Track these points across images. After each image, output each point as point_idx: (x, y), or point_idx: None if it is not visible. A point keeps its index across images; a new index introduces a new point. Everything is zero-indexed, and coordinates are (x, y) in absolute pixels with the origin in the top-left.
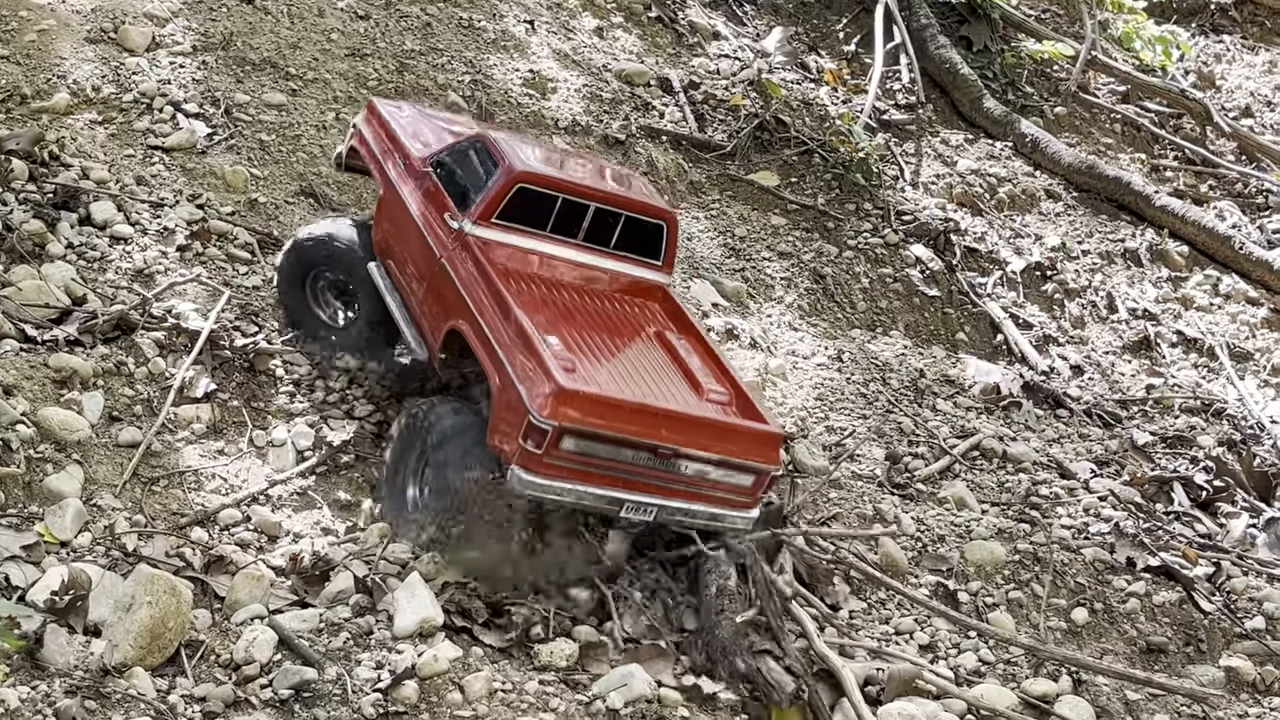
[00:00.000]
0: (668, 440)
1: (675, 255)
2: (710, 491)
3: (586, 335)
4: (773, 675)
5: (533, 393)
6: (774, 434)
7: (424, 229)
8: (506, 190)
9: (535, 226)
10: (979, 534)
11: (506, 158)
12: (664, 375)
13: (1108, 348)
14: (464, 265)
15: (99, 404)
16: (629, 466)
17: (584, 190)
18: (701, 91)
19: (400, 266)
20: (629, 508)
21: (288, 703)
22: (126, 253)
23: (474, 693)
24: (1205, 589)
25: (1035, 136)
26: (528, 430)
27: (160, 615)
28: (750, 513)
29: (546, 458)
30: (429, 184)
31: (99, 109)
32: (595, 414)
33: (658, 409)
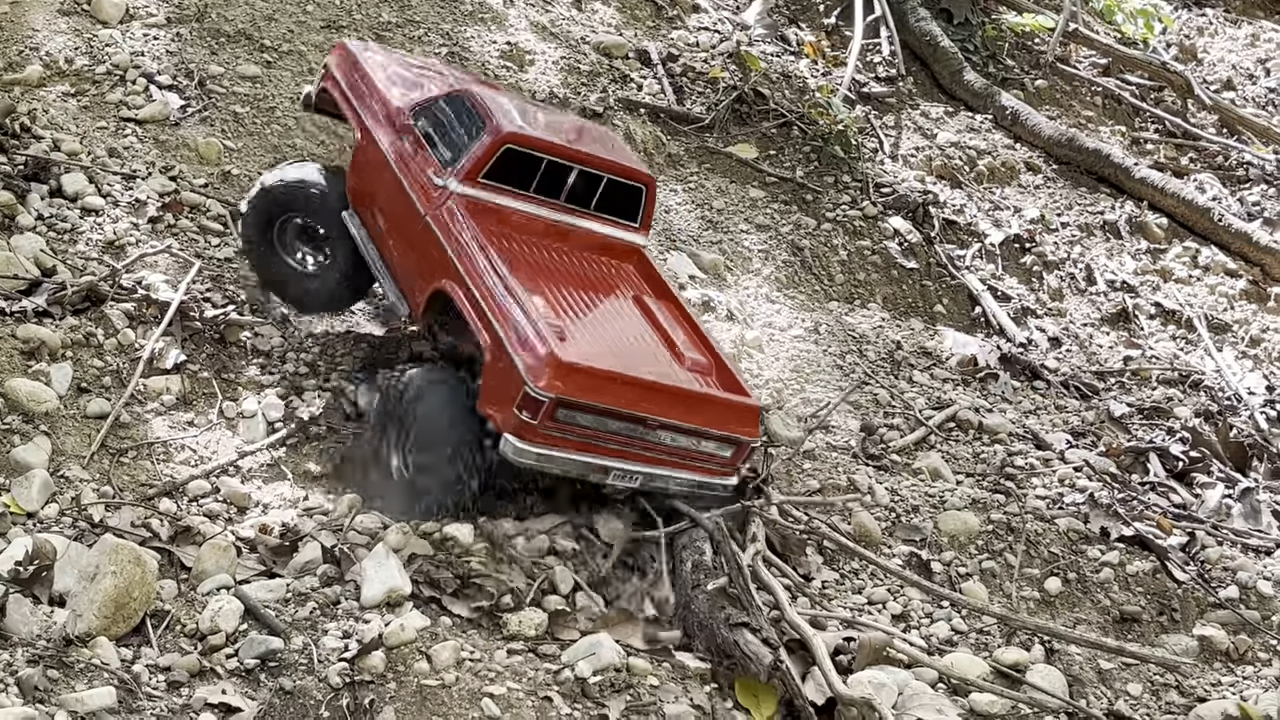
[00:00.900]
0: (656, 412)
1: (652, 218)
2: (692, 460)
3: (571, 299)
4: (750, 648)
5: (529, 363)
6: (754, 407)
7: (406, 183)
8: (494, 150)
9: (520, 187)
10: (953, 504)
11: (495, 117)
12: (647, 342)
13: (1086, 320)
14: (451, 225)
15: (67, 375)
16: (617, 436)
17: (569, 152)
18: (680, 64)
19: (378, 218)
20: (616, 475)
21: (253, 672)
22: (97, 224)
23: (442, 662)
24: (1179, 559)
25: (1015, 109)
26: (524, 401)
27: (125, 585)
28: (729, 480)
29: (540, 427)
30: (410, 136)
31: (71, 81)
32: (590, 386)
33: (649, 382)
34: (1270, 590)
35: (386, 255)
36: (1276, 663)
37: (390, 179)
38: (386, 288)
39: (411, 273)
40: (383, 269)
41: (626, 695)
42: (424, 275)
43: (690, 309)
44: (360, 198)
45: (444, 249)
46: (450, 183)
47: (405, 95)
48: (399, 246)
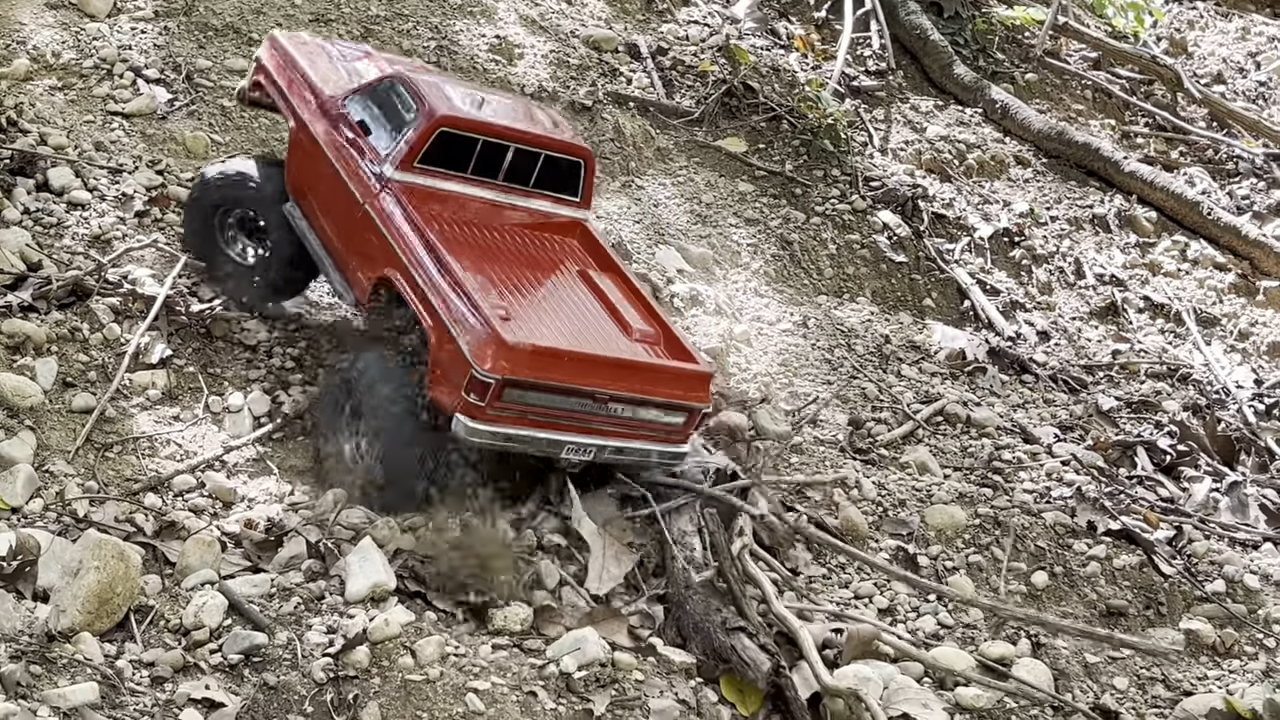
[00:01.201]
0: (605, 385)
1: (592, 191)
2: (645, 430)
3: (515, 278)
4: (747, 653)
5: (474, 345)
6: (704, 373)
7: (343, 173)
8: (429, 134)
9: (456, 169)
10: (940, 498)
11: (427, 100)
12: (593, 316)
13: (1074, 313)
14: (390, 212)
15: (52, 370)
16: (568, 411)
17: (504, 131)
18: (670, 57)
19: (319, 209)
20: (569, 449)
21: (237, 667)
22: (83, 219)
23: (426, 657)
24: (1166, 552)
25: (1005, 103)
26: (471, 383)
27: (108, 580)
28: (683, 447)
29: (489, 408)
30: (344, 125)
31: (59, 75)
32: (536, 365)
33: (595, 356)
34: (1257, 584)
35: (329, 245)
36: (1263, 656)
37: (327, 169)
38: (331, 278)
39: (354, 262)
40: (326, 260)
41: (612, 690)
42: (367, 264)
43: (636, 280)
44: (299, 190)
45: (385, 237)
46: (386, 169)
47: (337, 83)
48: (340, 236)
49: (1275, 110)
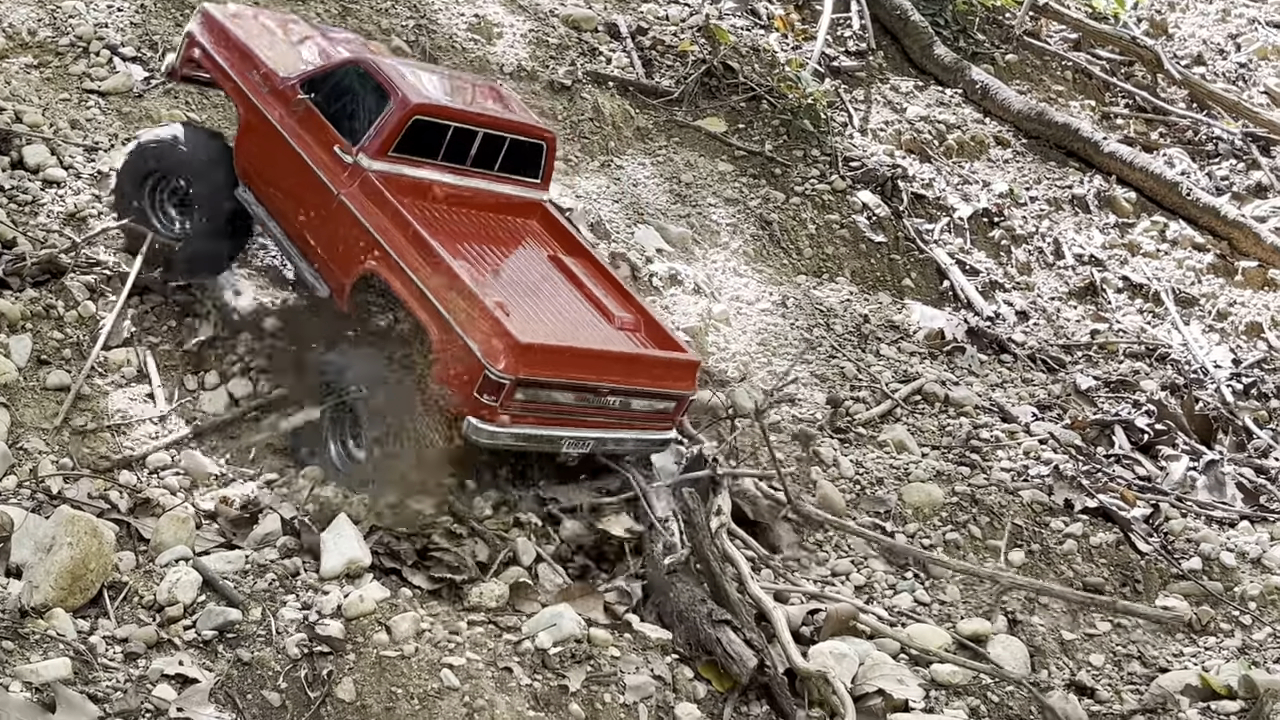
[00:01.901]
0: (607, 379)
1: (552, 173)
2: (636, 419)
3: (495, 267)
4: (733, 648)
5: (488, 346)
6: (693, 361)
7: (310, 161)
8: (404, 122)
9: (427, 156)
10: (918, 476)
11: (400, 89)
12: (577, 306)
13: (1053, 293)
14: (369, 203)
15: (27, 347)
16: (570, 406)
17: (474, 117)
18: (650, 37)
19: (282, 197)
20: (569, 443)
21: (211, 643)
22: (59, 196)
23: (401, 633)
24: (1143, 530)
25: (985, 83)
26: (485, 384)
27: (81, 556)
28: (669, 433)
29: (501, 408)
30: (305, 111)
31: (34, 53)
32: (549, 364)
33: (600, 352)
34: (1233, 562)
35: (293, 233)
36: (1239, 633)
37: (289, 156)
38: (299, 267)
39: (329, 253)
40: (292, 249)
41: (587, 666)
42: (346, 256)
43: (603, 260)
44: (253, 174)
45: (366, 229)
46: (361, 159)
47: (287, 63)
48: (310, 226)
49: (1255, 92)
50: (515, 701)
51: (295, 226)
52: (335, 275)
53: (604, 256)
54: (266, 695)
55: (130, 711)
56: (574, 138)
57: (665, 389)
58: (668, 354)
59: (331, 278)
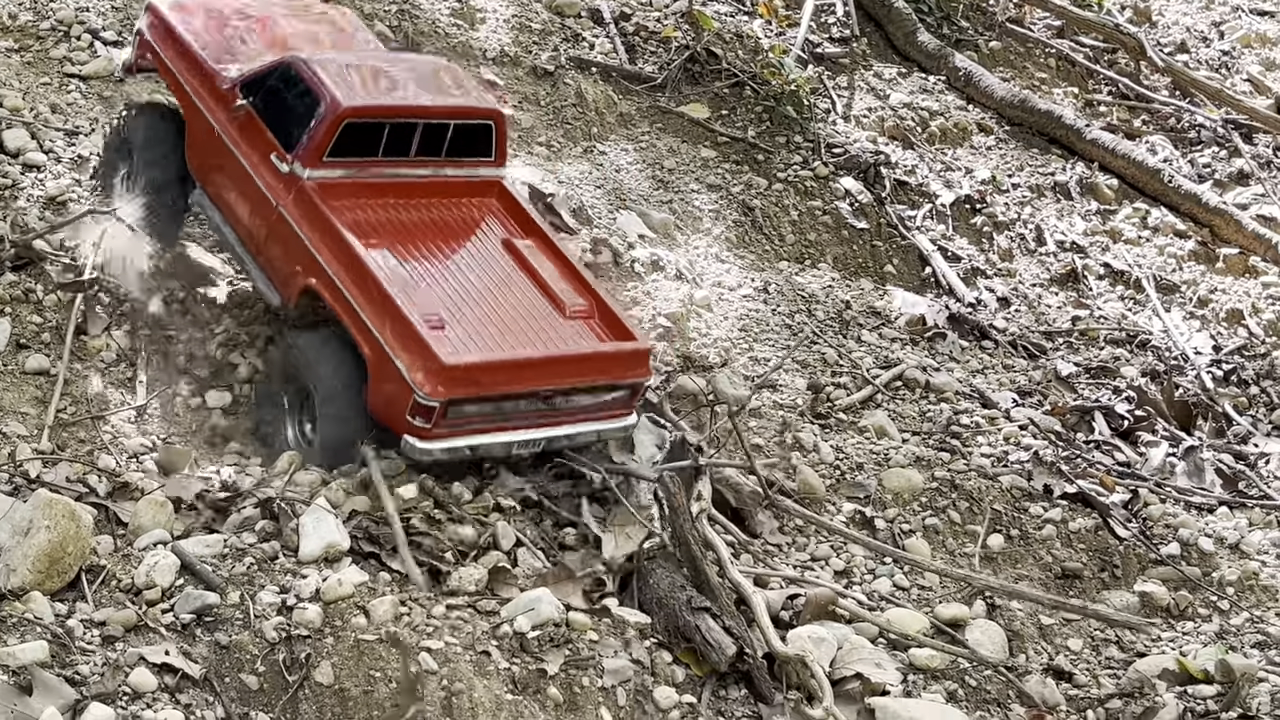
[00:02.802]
0: (549, 383)
1: (505, 148)
2: (590, 413)
3: (441, 265)
4: (712, 635)
5: (414, 370)
6: (643, 350)
7: (251, 170)
8: (334, 128)
9: (366, 155)
10: (897, 462)
11: (329, 92)
12: (525, 299)
13: (1035, 280)
14: (304, 215)
15: (5, 331)
16: (513, 413)
17: (410, 110)
18: (633, 23)
19: (230, 203)
20: (518, 446)
21: (189, 627)
22: (39, 180)
23: (380, 617)
24: (1121, 516)
25: (969, 70)
26: (414, 408)
27: (59, 540)
28: (627, 419)
29: (435, 429)
30: (244, 116)
31: (15, 37)
32: (478, 380)
33: (535, 359)
34: (1211, 547)
35: (246, 240)
36: (1216, 618)
37: (234, 164)
38: (252, 274)
39: (277, 264)
40: (245, 254)
41: (565, 650)
42: (290, 268)
43: (559, 242)
44: (206, 177)
45: (304, 244)
46: (296, 168)
47: (229, 61)
48: (258, 234)
49: (1238, 79)
50: (493, 685)
51: (246, 233)
52: (284, 285)
53: (562, 238)
54: (244, 678)
55: (108, 694)
56: (556, 123)
57: (615, 381)
58: (614, 346)
59: (281, 287)
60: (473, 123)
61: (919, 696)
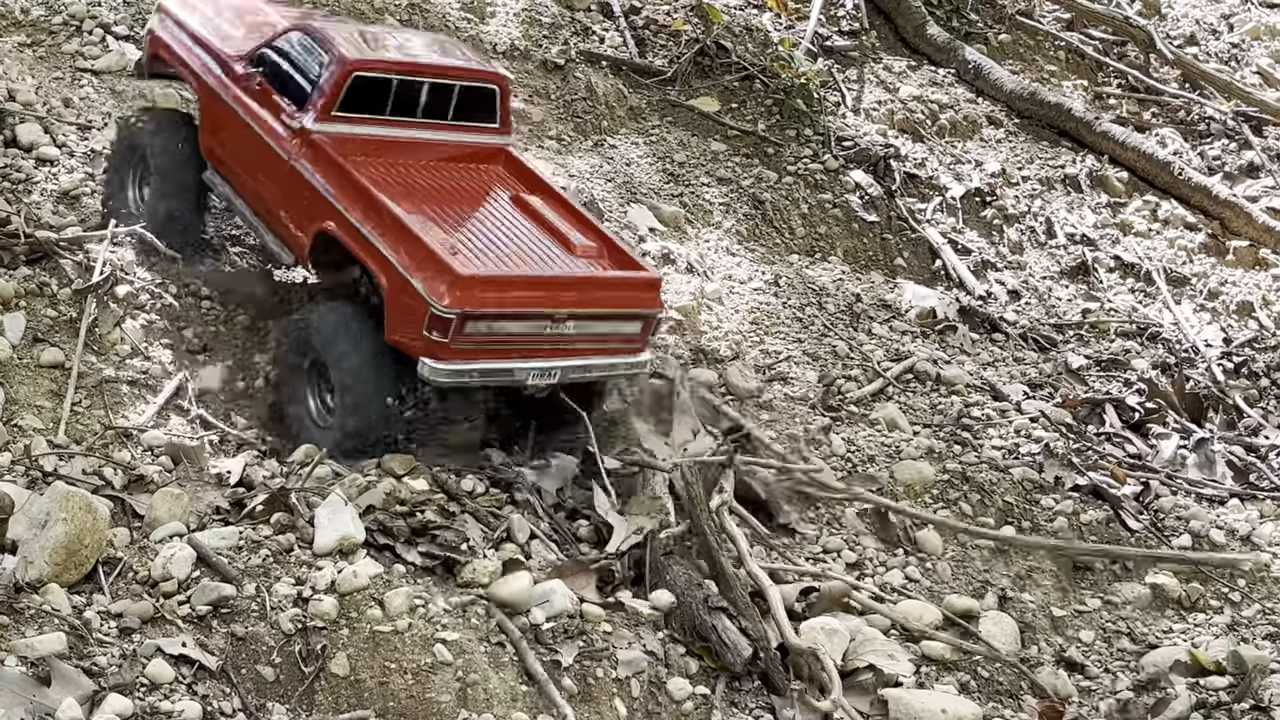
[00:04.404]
0: (561, 305)
1: (510, 116)
2: (603, 345)
3: (452, 212)
4: (728, 635)
5: (430, 284)
6: (653, 278)
7: (263, 133)
8: (343, 82)
9: (375, 112)
10: (909, 454)
11: (336, 48)
12: (535, 239)
13: (1045, 273)
14: (318, 165)
15: (21, 325)
16: (527, 336)
17: (416, 68)
18: (642, 16)
19: (242, 173)
20: (534, 375)
21: (205, 618)
22: (52, 174)
23: (394, 608)
24: (1133, 508)
25: (978, 63)
26: (431, 321)
27: (76, 532)
28: (642, 355)
29: (452, 344)
30: (255, 84)
31: (28, 32)
32: (494, 294)
33: (548, 278)
34: (1222, 539)
35: (258, 208)
36: (1228, 610)
37: (245, 132)
38: (265, 239)
39: (288, 220)
40: (258, 223)
41: (579, 641)
42: (302, 220)
43: (568, 196)
44: (216, 156)
45: (316, 191)
46: (306, 122)
47: (238, 44)
48: (270, 196)
49: (1247, 72)
50: (507, 676)
51: (257, 200)
52: (295, 240)
53: (572, 194)
54: (261, 670)
55: (125, 685)
56: (567, 117)
57: (625, 310)
58: (624, 273)
59: (293, 243)
60: (477, 85)
61: (931, 688)
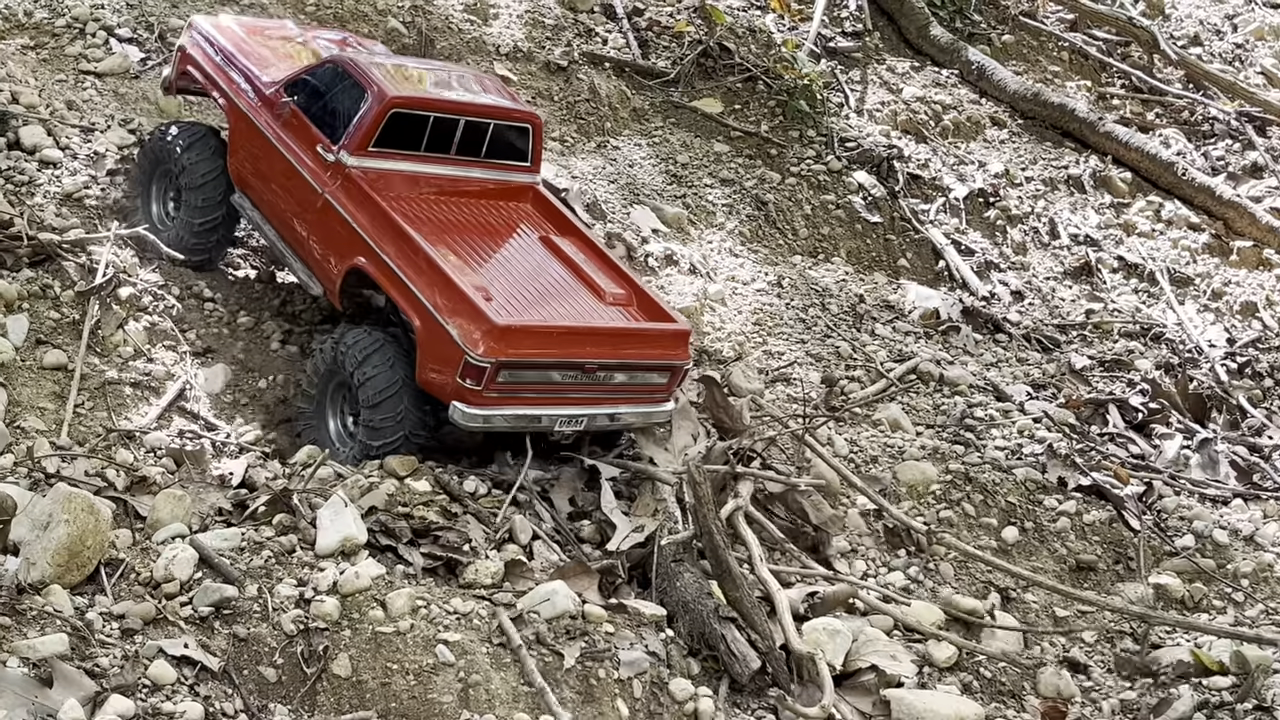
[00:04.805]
0: (594, 356)
1: (541, 154)
2: (630, 393)
3: (484, 252)
4: (737, 646)
5: (465, 332)
6: (683, 331)
7: (296, 163)
8: (381, 118)
9: (410, 148)
10: (912, 455)
11: (375, 83)
12: (566, 285)
13: (1049, 273)
14: (352, 200)
15: (24, 327)
16: (558, 384)
17: (453, 105)
18: (646, 18)
19: (273, 200)
20: (561, 421)
21: (208, 619)
22: (55, 177)
23: (396, 609)
24: (1136, 508)
25: (981, 64)
26: (466, 369)
27: (78, 533)
28: (666, 405)
29: (485, 391)
30: (288, 114)
31: (30, 34)
32: (529, 344)
33: (582, 328)
34: (1226, 539)
35: (288, 236)
36: (1231, 610)
37: (277, 160)
38: (294, 268)
39: (320, 252)
40: (286, 250)
41: (581, 641)
42: (334, 254)
43: (596, 239)
44: (247, 180)
45: (350, 226)
46: (343, 156)
47: (272, 69)
48: (302, 226)
49: (1251, 72)
50: (510, 677)
51: (286, 228)
52: (326, 274)
53: (598, 236)
54: (263, 671)
55: (127, 686)
56: (570, 118)
57: (655, 360)
58: (655, 325)
59: (323, 275)
60: (512, 125)
61: (934, 689)
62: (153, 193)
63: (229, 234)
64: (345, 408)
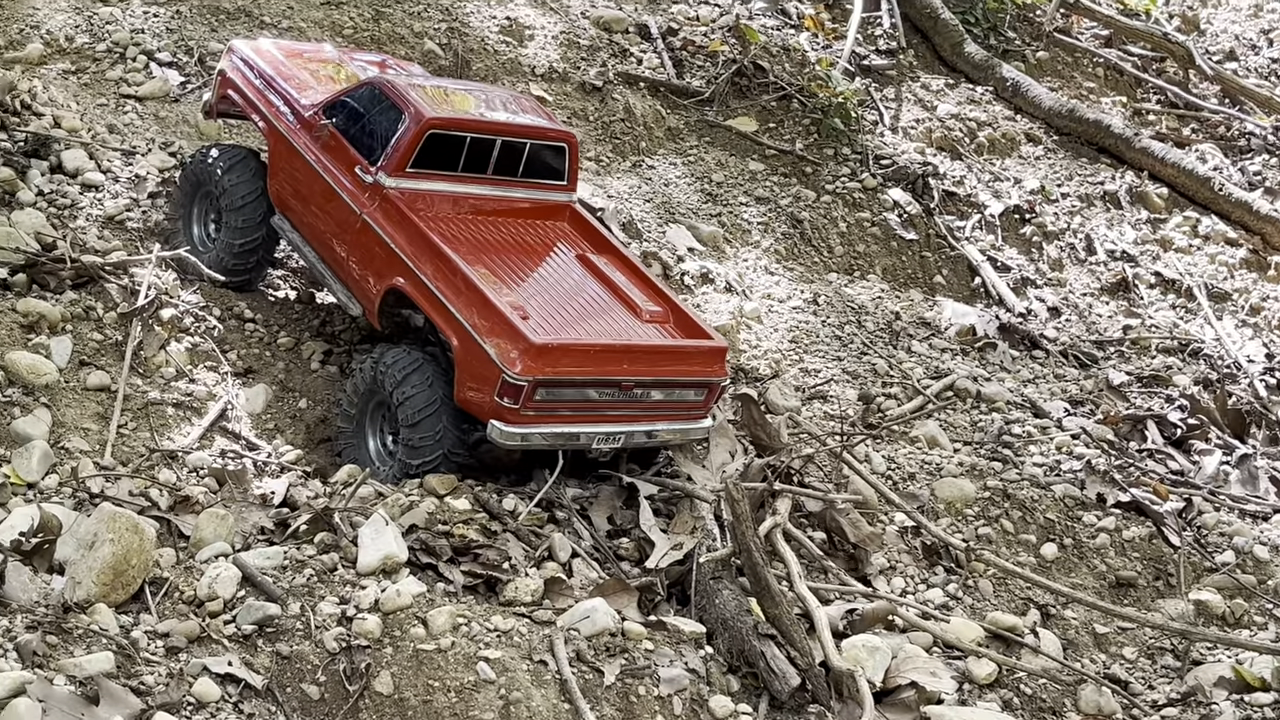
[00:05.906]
0: (631, 373)
1: (578, 173)
2: (667, 410)
3: (521, 271)
4: (776, 663)
5: (503, 350)
6: (719, 348)
7: (334, 185)
8: (419, 139)
9: (447, 168)
10: (950, 471)
11: (413, 104)
12: (603, 302)
13: (1085, 289)
14: (390, 220)
15: (67, 348)
16: (595, 402)
17: (490, 126)
18: (680, 38)
19: (312, 222)
20: (599, 439)
21: (251, 637)
22: (97, 200)
23: (437, 627)
24: (1175, 524)
25: (1016, 80)
26: (503, 388)
27: (123, 553)
28: (704, 422)
29: (523, 409)
30: (327, 135)
31: (72, 59)
32: (566, 362)
33: (618, 346)
34: (1266, 555)
35: (327, 256)
36: (1272, 626)
37: (316, 181)
38: (333, 289)
39: (358, 273)
40: (325, 271)
41: (621, 659)
42: (373, 274)
43: (633, 257)
44: (286, 201)
45: (389, 247)
46: (381, 177)
47: (311, 91)
48: (341, 247)
49: None
50: (550, 694)
51: (326, 249)
52: (365, 294)
53: (634, 254)
54: (306, 688)
55: (172, 704)
56: (605, 138)
57: (692, 377)
58: (692, 342)
59: (362, 296)
60: (548, 144)
61: (974, 706)
62: (193, 215)
63: (269, 255)
64: (385, 427)
